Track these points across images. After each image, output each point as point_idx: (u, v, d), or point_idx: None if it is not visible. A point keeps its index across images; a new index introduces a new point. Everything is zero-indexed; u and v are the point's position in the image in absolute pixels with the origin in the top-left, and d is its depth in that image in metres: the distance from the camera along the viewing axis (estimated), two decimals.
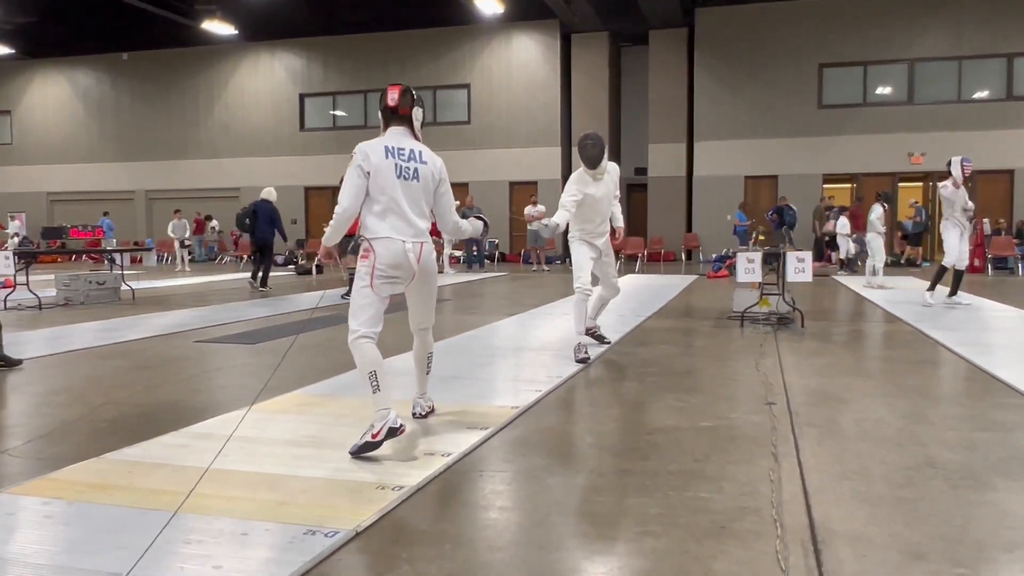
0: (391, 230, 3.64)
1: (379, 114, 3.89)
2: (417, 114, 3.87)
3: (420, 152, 3.79)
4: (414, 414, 4.16)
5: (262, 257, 13.05)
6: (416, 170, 3.74)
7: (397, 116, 3.84)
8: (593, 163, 6.04)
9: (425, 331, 4.08)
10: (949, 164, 9.35)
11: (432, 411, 4.23)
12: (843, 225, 16.30)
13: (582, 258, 6.16)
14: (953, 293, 9.67)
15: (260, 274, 12.85)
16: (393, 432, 3.44)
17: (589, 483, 3.22)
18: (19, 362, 5.96)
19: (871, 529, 2.68)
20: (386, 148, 3.72)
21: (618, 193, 6.44)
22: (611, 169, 6.21)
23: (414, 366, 4.20)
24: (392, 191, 3.65)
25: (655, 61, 22.11)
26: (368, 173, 3.64)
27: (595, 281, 6.32)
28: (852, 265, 16.49)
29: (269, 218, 12.89)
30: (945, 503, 2.94)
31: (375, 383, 3.53)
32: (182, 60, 25.27)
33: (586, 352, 5.97)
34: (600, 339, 6.73)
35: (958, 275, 9.58)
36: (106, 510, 2.87)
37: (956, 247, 9.30)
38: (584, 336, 6.13)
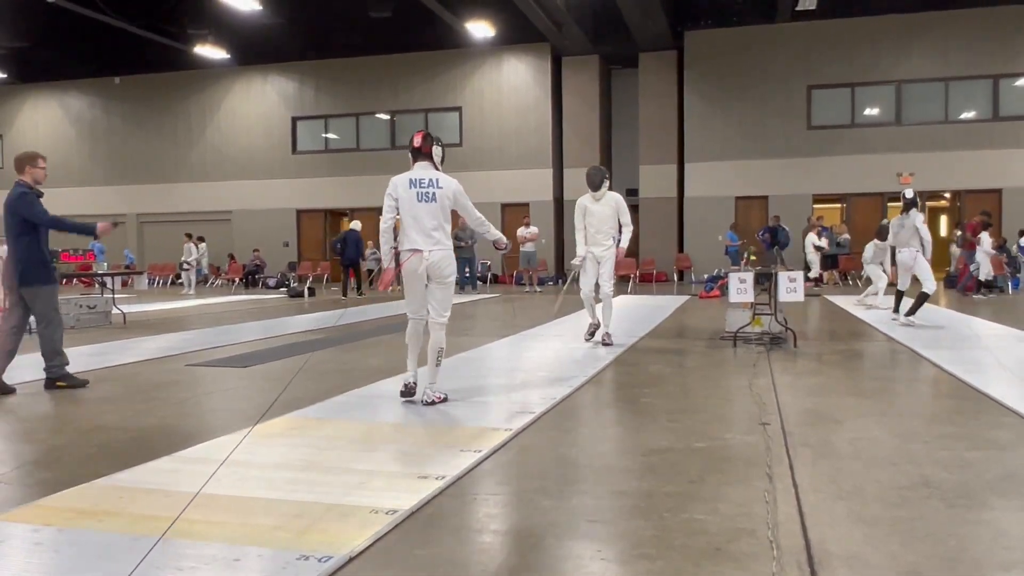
0: (411, 243, 4.97)
1: (409, 153, 5.13)
2: (436, 152, 5.12)
3: (437, 179, 5.04)
4: (423, 402, 5.03)
5: (352, 274, 17.26)
6: (433, 193, 4.98)
7: (421, 154, 5.10)
8: (594, 187, 7.81)
9: (438, 326, 5.07)
10: (913, 197, 9.50)
11: (444, 399, 5.11)
12: (985, 242, 14.95)
13: (584, 266, 7.99)
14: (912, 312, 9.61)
15: (352, 287, 17.26)
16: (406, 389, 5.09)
17: (584, 505, 3.21)
18: (12, 390, 5.91)
19: (867, 550, 2.67)
20: (410, 180, 5.02)
21: (626, 220, 7.99)
22: (610, 196, 7.90)
23: (428, 355, 5.06)
24: (413, 212, 4.96)
25: (645, 83, 22.29)
26: (396, 199, 5.00)
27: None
28: (991, 287, 15.25)
29: (356, 244, 17.21)
30: (941, 523, 2.93)
31: (408, 352, 5.13)
32: (174, 84, 25.33)
33: (589, 336, 8.20)
34: (592, 334, 8.25)
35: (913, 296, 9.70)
36: (97, 536, 2.84)
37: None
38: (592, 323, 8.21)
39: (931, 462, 3.72)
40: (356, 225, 18.06)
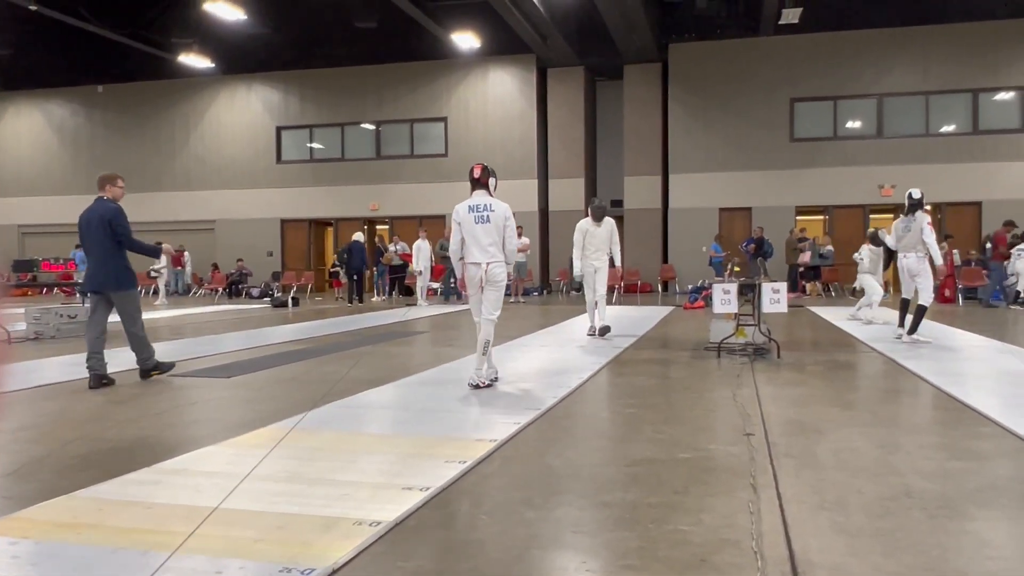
0: (472, 257, 6.13)
1: (468, 182, 6.24)
2: (492, 183, 6.28)
3: (490, 204, 6.15)
4: (470, 384, 6.11)
5: (358, 282, 18.18)
6: (487, 216, 6.10)
7: (479, 183, 6.22)
8: (598, 220, 9.80)
9: (488, 322, 6.12)
10: (920, 197, 8.81)
11: (495, 381, 6.32)
12: None
13: (587, 278, 9.90)
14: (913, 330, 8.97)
15: (357, 294, 18.08)
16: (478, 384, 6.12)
17: (568, 516, 3.20)
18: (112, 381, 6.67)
19: (850, 560, 2.67)
20: (469, 206, 6.16)
21: (616, 240, 9.86)
22: (608, 222, 9.84)
23: (477, 345, 6.15)
24: (473, 232, 6.11)
25: (630, 95, 22.41)
26: (459, 224, 6.14)
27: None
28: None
29: (360, 253, 18.18)
30: (923, 533, 2.95)
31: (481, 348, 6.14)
32: (158, 92, 25.20)
33: (592, 332, 9.96)
34: (599, 330, 9.90)
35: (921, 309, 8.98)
36: (76, 550, 2.80)
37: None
38: (593, 325, 9.96)
39: (913, 472, 3.74)
40: (359, 236, 18.65)
